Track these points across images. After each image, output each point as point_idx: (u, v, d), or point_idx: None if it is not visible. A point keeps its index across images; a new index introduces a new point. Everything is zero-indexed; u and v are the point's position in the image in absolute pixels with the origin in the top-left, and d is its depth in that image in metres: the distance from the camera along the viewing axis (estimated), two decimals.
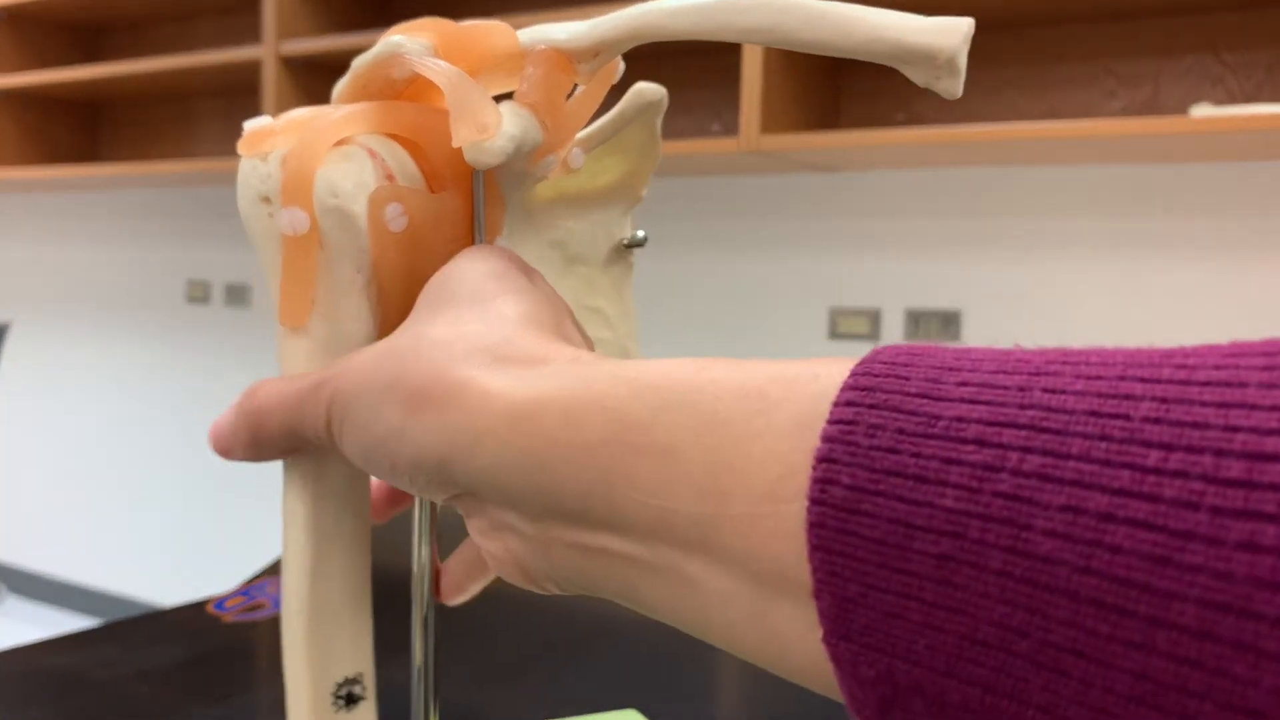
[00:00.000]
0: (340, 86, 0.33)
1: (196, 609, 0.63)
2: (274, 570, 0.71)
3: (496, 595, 0.68)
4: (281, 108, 2.07)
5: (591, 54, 0.31)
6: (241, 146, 0.31)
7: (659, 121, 0.38)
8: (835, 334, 1.88)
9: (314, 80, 2.13)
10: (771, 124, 1.57)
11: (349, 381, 0.27)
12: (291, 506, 0.32)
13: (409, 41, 0.31)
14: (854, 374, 0.20)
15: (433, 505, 0.34)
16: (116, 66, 2.30)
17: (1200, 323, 1.61)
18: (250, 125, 0.31)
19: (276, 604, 0.64)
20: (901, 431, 0.19)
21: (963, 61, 0.25)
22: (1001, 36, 1.69)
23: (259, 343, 2.62)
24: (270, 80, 2.06)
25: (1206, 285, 1.60)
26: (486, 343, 0.26)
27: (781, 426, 0.20)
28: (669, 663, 0.57)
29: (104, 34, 2.80)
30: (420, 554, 0.35)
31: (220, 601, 0.64)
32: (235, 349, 2.66)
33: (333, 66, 2.16)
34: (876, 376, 0.20)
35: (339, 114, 0.31)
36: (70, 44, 2.72)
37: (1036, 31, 1.67)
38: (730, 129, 1.88)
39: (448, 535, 0.35)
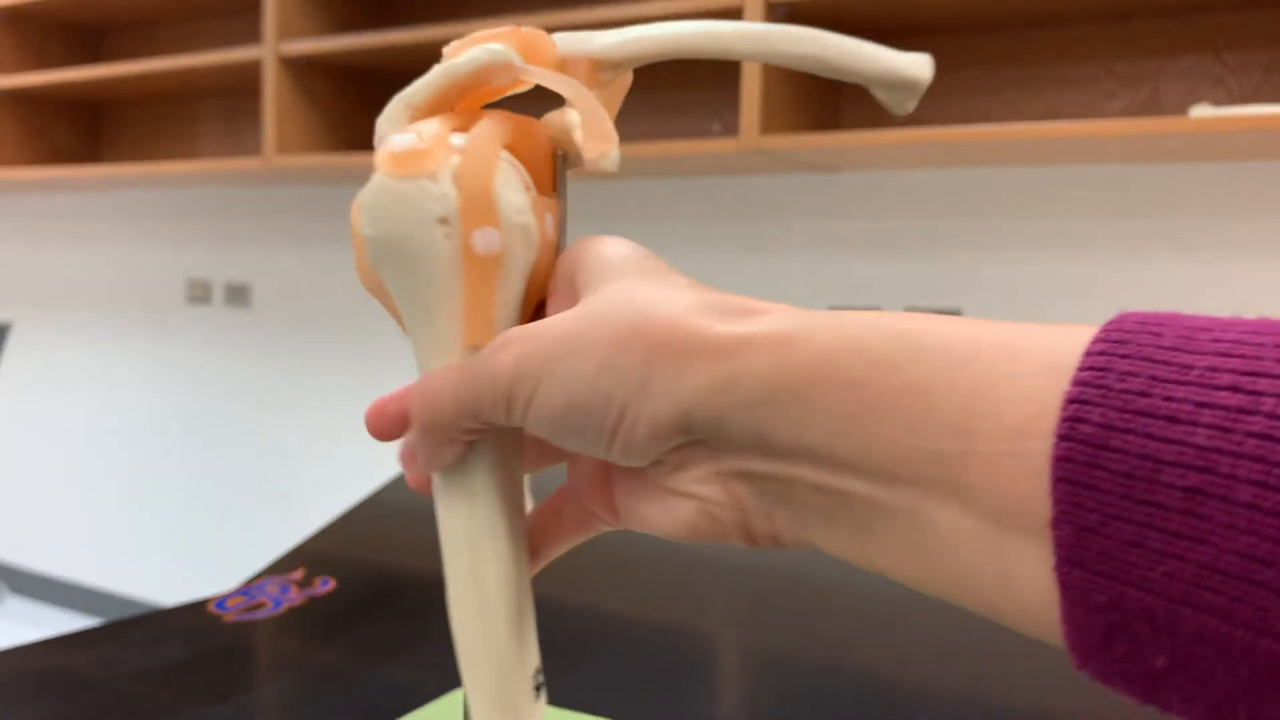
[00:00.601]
0: (423, 90, 0.32)
1: (197, 608, 0.63)
2: (274, 569, 0.71)
3: None
4: (282, 109, 2.07)
5: (616, 65, 0.33)
6: (396, 167, 0.30)
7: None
8: None
9: (314, 81, 2.14)
10: (771, 124, 1.57)
11: (542, 345, 0.28)
12: (483, 500, 0.32)
13: (512, 51, 0.31)
14: (1105, 329, 0.22)
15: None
16: (117, 67, 2.30)
17: None
18: (398, 144, 0.30)
19: (277, 604, 0.65)
20: (1154, 378, 0.20)
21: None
22: (1001, 37, 1.69)
23: (260, 343, 2.63)
24: (271, 81, 2.06)
25: (1206, 285, 1.60)
26: (705, 300, 0.27)
27: (1032, 371, 0.22)
28: (666, 664, 0.57)
29: (105, 34, 2.81)
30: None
31: (221, 601, 0.65)
32: (236, 349, 2.66)
33: (333, 67, 2.16)
34: (1129, 332, 0.22)
35: (488, 128, 0.31)
36: (71, 44, 2.73)
37: (1036, 32, 1.67)
38: (730, 129, 1.89)
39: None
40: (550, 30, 0.35)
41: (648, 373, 0.26)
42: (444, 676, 0.55)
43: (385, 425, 0.32)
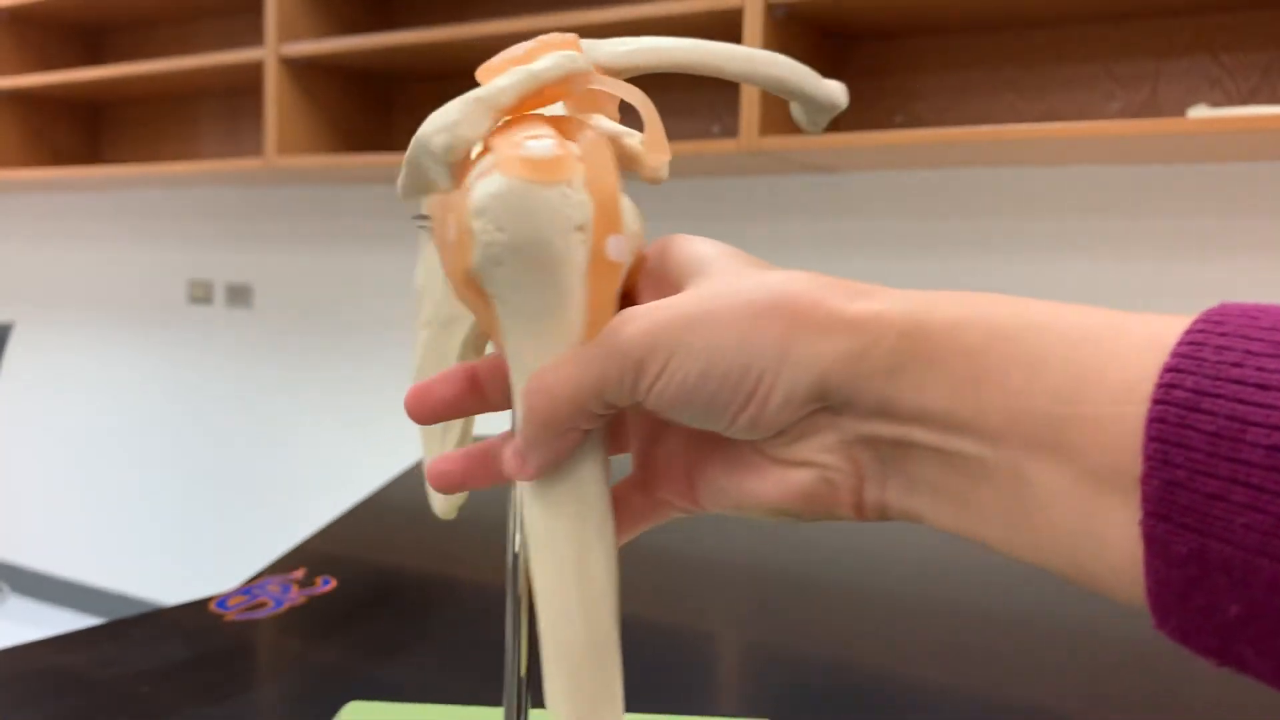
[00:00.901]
0: (508, 93, 0.31)
1: (198, 608, 0.64)
2: (275, 569, 0.72)
3: (493, 595, 0.69)
4: (283, 109, 2.07)
5: (617, 73, 0.34)
6: (537, 173, 0.30)
7: None
8: None
9: (315, 82, 2.14)
10: (771, 125, 1.57)
11: (672, 319, 0.29)
12: (592, 495, 0.32)
13: (584, 59, 0.32)
14: (1206, 312, 0.24)
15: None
16: (118, 68, 2.31)
17: None
18: (539, 150, 0.30)
19: (279, 603, 0.65)
20: (1249, 352, 0.22)
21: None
22: (1000, 38, 1.70)
23: (261, 343, 2.63)
24: (271, 82, 2.06)
25: (1205, 285, 1.61)
26: (827, 281, 0.29)
27: (1136, 347, 0.24)
28: (667, 664, 0.57)
29: (106, 35, 2.81)
30: (513, 544, 0.37)
31: (222, 600, 0.65)
32: (237, 349, 2.67)
33: (334, 68, 2.17)
34: (1228, 315, 0.24)
35: (599, 137, 0.32)
36: (72, 45, 2.73)
37: (1035, 33, 1.67)
38: (730, 130, 1.89)
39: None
40: (547, 31, 0.36)
41: (787, 344, 0.28)
42: (444, 676, 0.55)
43: (428, 409, 0.34)
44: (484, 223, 0.30)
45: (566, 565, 0.32)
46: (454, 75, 2.12)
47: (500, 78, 0.31)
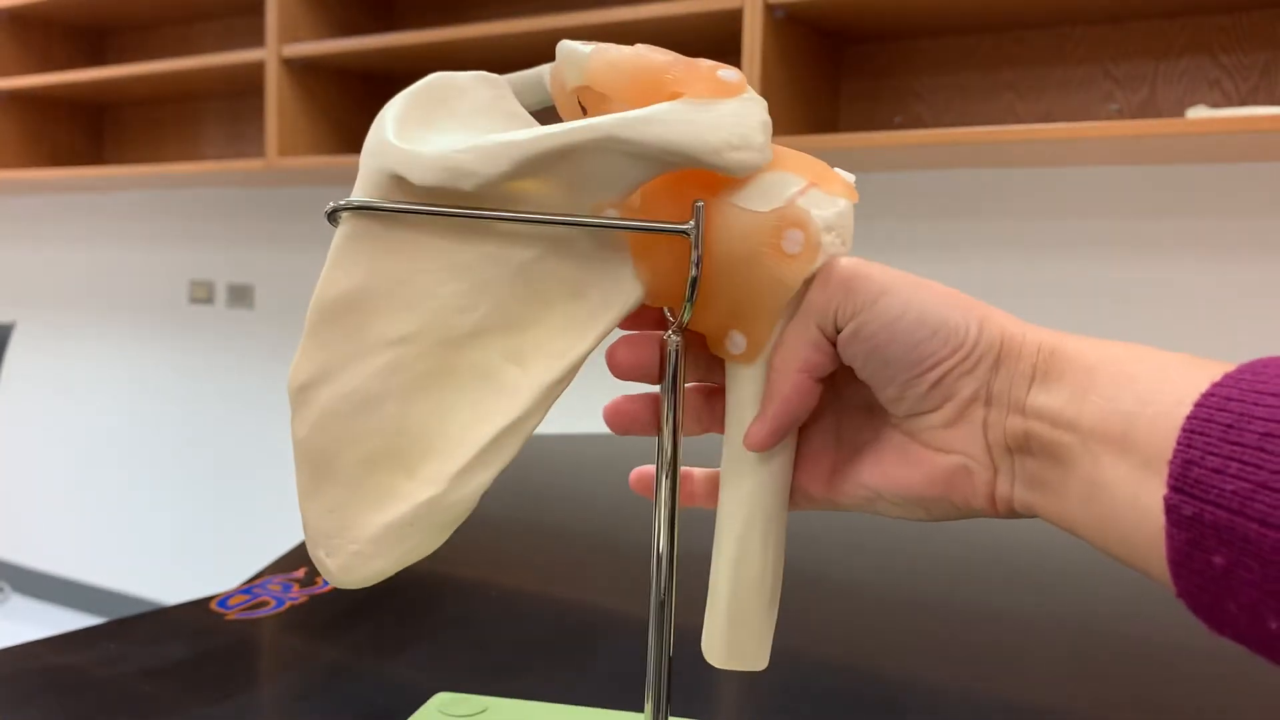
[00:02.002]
0: (628, 75, 0.36)
1: (199, 607, 0.64)
2: (276, 568, 0.72)
3: (496, 594, 0.69)
4: (284, 111, 2.07)
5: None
6: (856, 196, 0.36)
7: None
8: None
9: (316, 83, 2.14)
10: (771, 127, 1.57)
11: (881, 266, 0.35)
12: (785, 474, 0.39)
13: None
14: (1255, 360, 0.30)
15: (673, 498, 0.39)
16: (120, 69, 2.31)
17: (1197, 323, 1.61)
18: (850, 177, 0.37)
19: (280, 602, 0.65)
20: (1277, 379, 0.29)
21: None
22: (999, 39, 1.70)
23: (261, 343, 2.63)
24: (273, 83, 2.07)
25: (1203, 286, 1.61)
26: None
27: (1201, 374, 0.30)
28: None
29: (108, 37, 2.81)
30: (659, 544, 0.39)
31: (223, 599, 0.65)
32: (238, 349, 2.67)
33: (335, 69, 2.17)
34: (1272, 360, 0.30)
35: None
36: (74, 46, 2.73)
37: (1034, 34, 1.67)
38: None
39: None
40: (547, 32, 0.37)
41: (981, 321, 0.34)
42: (445, 675, 0.56)
43: (625, 421, 0.39)
44: (832, 237, 0.35)
45: (770, 535, 0.38)
46: None
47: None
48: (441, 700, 0.50)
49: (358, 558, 0.35)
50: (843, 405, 0.39)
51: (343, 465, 0.35)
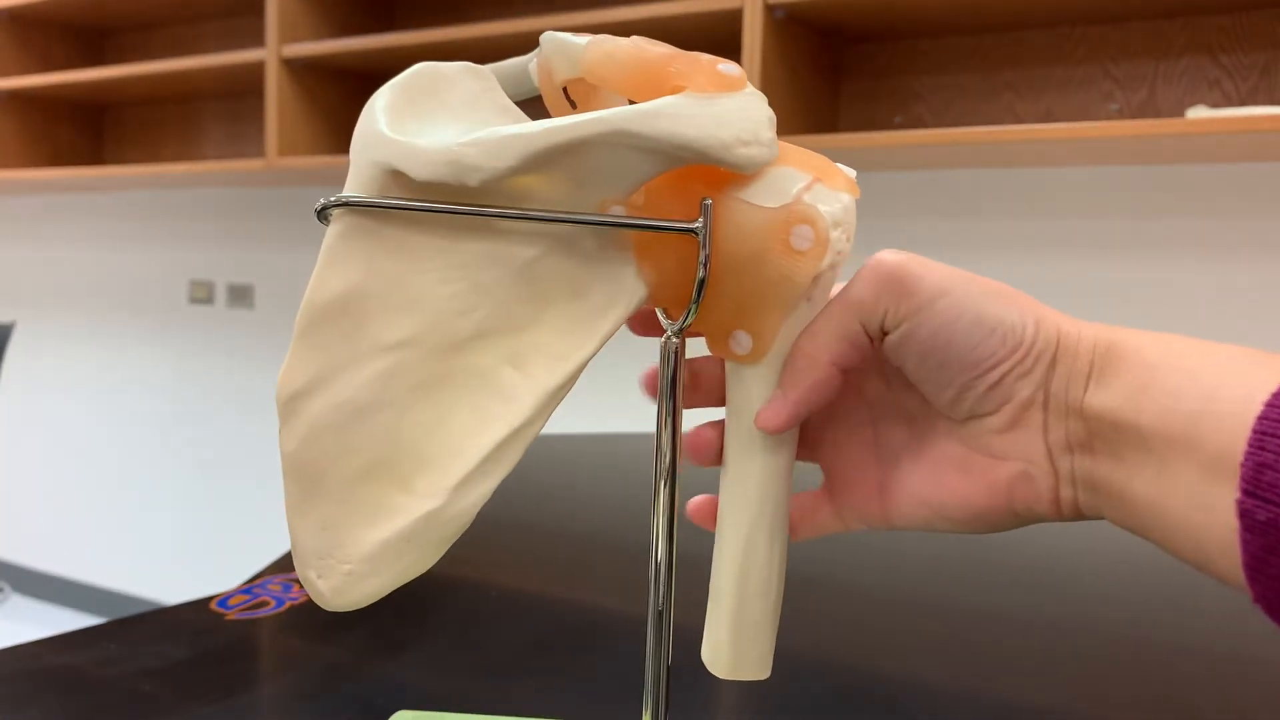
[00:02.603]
0: (627, 67, 0.35)
1: (200, 607, 0.64)
2: (277, 568, 0.72)
3: (496, 594, 0.69)
4: (284, 111, 2.07)
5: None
6: (854, 187, 0.36)
7: None
8: None
9: (316, 83, 2.14)
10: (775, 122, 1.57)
11: (933, 263, 0.34)
12: (785, 500, 0.38)
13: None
14: None
15: (672, 505, 0.39)
16: (120, 69, 2.31)
17: (1197, 323, 1.61)
18: (852, 172, 0.36)
19: (280, 602, 0.65)
20: None
21: None
22: (999, 39, 1.70)
23: (261, 343, 2.63)
24: (273, 83, 2.07)
25: (1203, 286, 1.61)
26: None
27: (1262, 366, 0.30)
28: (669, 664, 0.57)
29: (108, 37, 2.81)
30: (657, 552, 0.39)
31: (224, 599, 0.65)
32: (238, 349, 2.67)
33: (335, 69, 2.17)
34: None
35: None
36: (74, 46, 2.73)
37: (1034, 34, 1.67)
38: None
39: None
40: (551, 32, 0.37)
41: (1038, 320, 0.33)
42: (445, 675, 0.56)
43: (703, 451, 0.38)
44: (839, 233, 0.35)
45: (775, 539, 0.38)
46: None
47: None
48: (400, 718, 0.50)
49: (351, 578, 0.34)
50: (877, 416, 0.38)
51: (335, 479, 0.33)
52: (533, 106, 0.38)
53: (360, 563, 0.33)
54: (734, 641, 0.39)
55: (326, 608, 0.34)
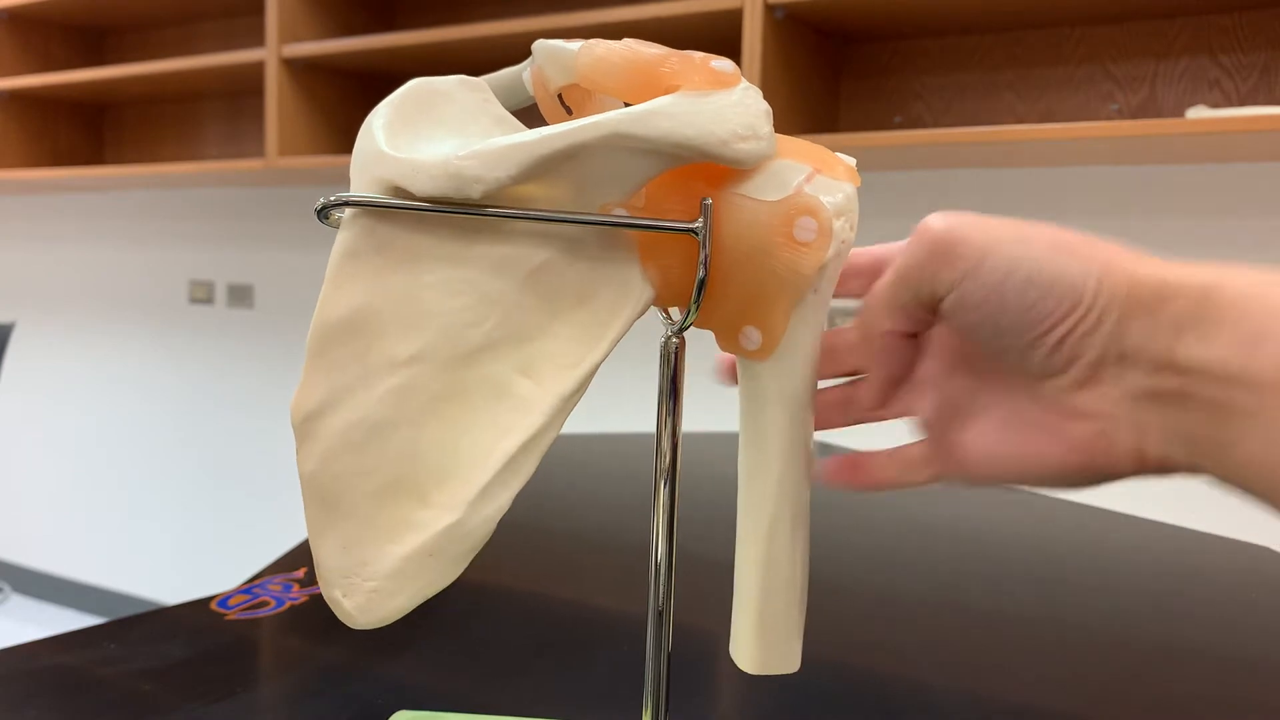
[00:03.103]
0: (620, 70, 0.35)
1: (200, 607, 0.64)
2: (277, 568, 0.72)
3: (496, 593, 0.69)
4: (284, 110, 2.07)
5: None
6: (855, 176, 0.36)
7: None
8: None
9: (316, 83, 2.14)
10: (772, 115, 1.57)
11: (982, 222, 0.33)
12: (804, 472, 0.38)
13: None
14: None
15: (672, 504, 0.39)
16: (120, 69, 2.31)
17: None
18: (851, 161, 0.36)
19: (280, 602, 0.65)
20: None
21: None
22: (999, 39, 1.70)
23: (261, 343, 2.63)
24: (273, 83, 2.07)
25: None
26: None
27: None
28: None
29: (108, 36, 2.81)
30: (657, 552, 0.38)
31: (224, 599, 0.65)
32: (238, 349, 2.67)
33: (335, 69, 2.17)
34: None
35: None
36: (74, 46, 2.73)
37: (1034, 34, 1.67)
38: None
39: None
40: (547, 32, 0.36)
41: (1103, 272, 0.31)
42: (445, 675, 0.56)
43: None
44: (842, 222, 0.35)
45: (798, 531, 0.38)
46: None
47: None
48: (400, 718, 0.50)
49: (376, 595, 0.34)
50: (954, 372, 0.37)
51: (355, 498, 0.33)
52: (530, 116, 0.38)
53: (384, 580, 0.34)
54: (760, 636, 0.39)
55: (354, 626, 0.35)
